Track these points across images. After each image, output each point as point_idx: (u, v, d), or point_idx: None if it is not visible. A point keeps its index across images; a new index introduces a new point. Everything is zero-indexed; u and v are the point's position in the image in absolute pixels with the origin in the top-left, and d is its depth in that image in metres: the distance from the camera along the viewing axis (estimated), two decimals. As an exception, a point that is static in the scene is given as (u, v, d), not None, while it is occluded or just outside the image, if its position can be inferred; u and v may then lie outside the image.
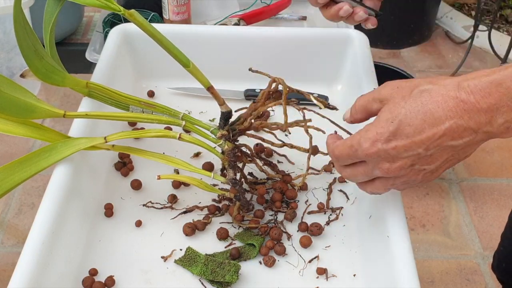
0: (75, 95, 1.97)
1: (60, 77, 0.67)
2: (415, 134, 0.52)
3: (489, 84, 0.49)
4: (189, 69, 0.68)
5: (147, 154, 0.69)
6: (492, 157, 1.87)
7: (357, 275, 0.66)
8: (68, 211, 0.64)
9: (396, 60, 2.33)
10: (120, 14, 0.89)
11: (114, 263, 0.67)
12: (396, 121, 0.53)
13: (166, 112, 0.70)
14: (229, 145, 0.68)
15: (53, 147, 0.66)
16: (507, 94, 0.49)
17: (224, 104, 0.70)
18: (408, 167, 0.55)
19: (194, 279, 0.66)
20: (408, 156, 0.54)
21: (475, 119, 0.50)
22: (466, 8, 2.58)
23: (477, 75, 0.51)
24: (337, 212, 0.73)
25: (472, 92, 0.50)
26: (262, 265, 0.67)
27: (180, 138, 0.67)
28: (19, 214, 1.68)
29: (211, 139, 0.69)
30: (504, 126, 0.50)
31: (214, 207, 0.72)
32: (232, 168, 0.68)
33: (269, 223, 0.71)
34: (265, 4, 1.23)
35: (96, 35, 1.21)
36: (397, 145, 0.53)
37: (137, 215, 0.72)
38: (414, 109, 0.52)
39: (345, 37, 0.91)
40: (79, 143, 0.67)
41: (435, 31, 2.50)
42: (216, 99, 0.70)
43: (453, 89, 0.51)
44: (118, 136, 0.68)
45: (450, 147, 0.53)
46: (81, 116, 0.69)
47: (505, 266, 1.04)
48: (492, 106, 0.49)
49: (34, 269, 0.57)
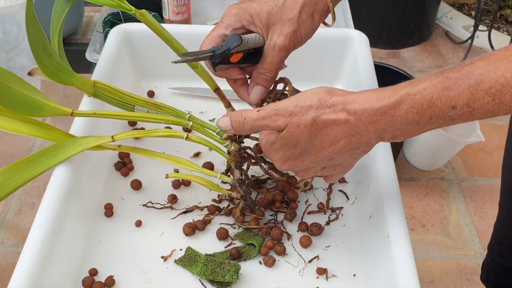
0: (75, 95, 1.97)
1: (68, 76, 0.67)
2: (319, 151, 0.58)
3: (374, 113, 0.53)
4: (197, 71, 0.68)
5: (153, 154, 0.69)
6: (492, 157, 1.87)
7: (357, 275, 0.66)
8: (68, 211, 0.64)
9: (396, 60, 2.33)
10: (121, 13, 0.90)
11: (114, 263, 0.67)
12: (298, 147, 0.58)
13: (172, 113, 0.70)
14: (235, 146, 0.68)
15: (60, 146, 0.66)
16: (392, 121, 0.53)
17: (230, 107, 0.70)
18: (320, 170, 0.61)
19: (194, 279, 0.66)
20: (316, 166, 0.60)
21: (366, 136, 0.55)
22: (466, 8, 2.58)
23: (361, 101, 0.54)
24: (337, 212, 0.73)
25: (360, 119, 0.54)
26: (262, 265, 0.67)
27: (188, 138, 0.67)
28: (19, 214, 1.68)
29: (217, 139, 0.69)
30: (391, 138, 0.55)
31: (214, 207, 0.72)
32: (239, 168, 0.69)
33: (269, 223, 0.71)
34: (265, 4, 1.23)
35: (96, 35, 1.21)
36: (304, 160, 0.59)
37: (137, 215, 0.72)
38: (312, 136, 0.57)
39: (345, 37, 0.91)
40: (87, 142, 0.67)
41: (435, 31, 2.50)
42: (222, 100, 0.70)
43: (342, 112, 0.55)
44: (125, 135, 0.68)
45: (350, 152, 0.58)
46: (89, 115, 0.69)
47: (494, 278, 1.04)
48: (378, 130, 0.54)
49: (34, 269, 0.57)
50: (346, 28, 1.08)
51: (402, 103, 0.52)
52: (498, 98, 0.48)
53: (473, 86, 0.48)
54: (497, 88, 0.47)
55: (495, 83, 0.47)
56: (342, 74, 0.92)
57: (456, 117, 0.50)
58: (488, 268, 1.07)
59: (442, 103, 0.50)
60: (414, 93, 0.51)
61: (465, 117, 0.50)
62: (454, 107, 0.50)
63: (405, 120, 0.52)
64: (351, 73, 0.89)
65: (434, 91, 0.50)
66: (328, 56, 0.92)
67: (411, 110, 0.51)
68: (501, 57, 0.48)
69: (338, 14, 1.20)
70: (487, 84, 0.48)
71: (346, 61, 0.91)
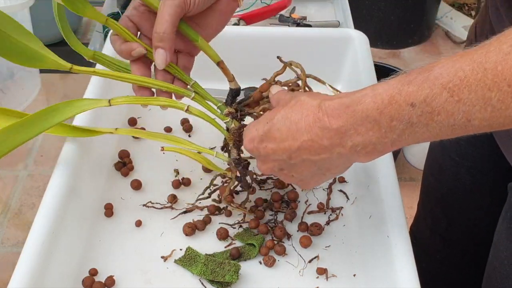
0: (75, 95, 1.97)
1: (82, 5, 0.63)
2: (281, 140, 0.55)
3: (339, 106, 0.51)
4: (198, 43, 0.66)
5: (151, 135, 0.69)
6: (492, 157, 1.87)
7: (357, 275, 0.66)
8: (68, 211, 0.64)
9: (396, 60, 2.33)
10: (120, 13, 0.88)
11: (114, 263, 0.67)
12: (270, 123, 0.56)
13: (178, 75, 0.67)
14: (235, 124, 0.67)
15: (55, 108, 0.65)
16: (353, 117, 0.50)
17: (234, 81, 0.68)
18: (278, 170, 0.58)
19: (194, 279, 0.66)
20: (276, 159, 0.57)
21: (328, 138, 0.52)
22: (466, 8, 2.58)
23: (336, 97, 0.52)
24: (337, 212, 0.73)
25: (327, 112, 0.52)
26: (262, 265, 0.67)
27: (188, 110, 0.66)
28: (19, 214, 1.68)
29: (218, 115, 0.68)
30: (353, 149, 0.51)
31: (214, 207, 0.72)
32: (237, 148, 0.67)
33: (269, 223, 0.71)
34: (265, 4, 1.23)
35: (96, 35, 1.21)
36: (267, 146, 0.56)
37: (137, 215, 0.72)
38: (285, 116, 0.54)
39: (345, 37, 0.91)
40: (83, 105, 0.66)
41: (435, 31, 2.50)
42: (226, 74, 0.67)
43: (316, 106, 0.53)
44: (123, 100, 0.66)
45: (309, 160, 0.55)
46: (89, 72, 0.67)
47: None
48: (340, 127, 0.51)
49: (34, 269, 0.57)
50: (346, 28, 1.08)
51: (365, 97, 0.50)
52: (457, 94, 0.45)
53: (432, 80, 0.46)
54: (454, 82, 0.45)
55: (453, 76, 0.45)
56: (342, 74, 0.92)
57: (416, 119, 0.47)
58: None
59: (401, 99, 0.48)
60: (377, 88, 0.50)
61: (425, 119, 0.47)
62: (413, 104, 0.47)
63: (366, 118, 0.49)
64: (351, 73, 0.89)
65: (395, 86, 0.48)
66: (328, 56, 0.92)
67: (371, 105, 0.49)
68: (464, 53, 0.46)
69: (338, 14, 1.20)
70: (445, 78, 0.46)
71: (346, 61, 0.91)
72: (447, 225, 0.94)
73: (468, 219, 0.91)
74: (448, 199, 0.92)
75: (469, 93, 0.44)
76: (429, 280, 0.94)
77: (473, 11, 2.52)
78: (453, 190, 0.90)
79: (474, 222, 0.90)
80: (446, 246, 0.97)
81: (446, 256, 0.98)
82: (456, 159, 0.87)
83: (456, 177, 0.88)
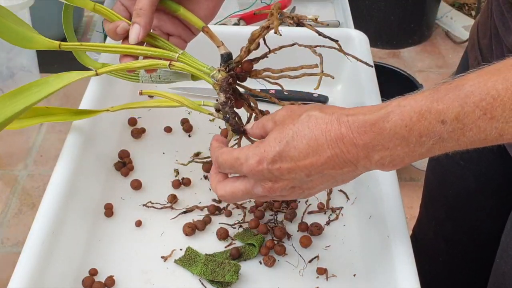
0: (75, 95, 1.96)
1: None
2: (300, 158, 0.53)
3: (364, 123, 0.50)
4: (180, 13, 0.66)
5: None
6: (492, 157, 1.87)
7: (357, 275, 0.66)
8: (68, 211, 0.64)
9: (396, 60, 2.33)
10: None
11: (114, 263, 0.67)
12: (283, 142, 0.53)
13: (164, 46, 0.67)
14: (223, 75, 0.64)
15: (44, 81, 0.67)
16: (380, 134, 0.50)
17: (223, 45, 0.66)
18: (289, 188, 0.56)
19: (194, 279, 0.66)
20: (290, 178, 0.54)
21: (353, 153, 0.51)
22: (466, 8, 2.58)
23: (356, 112, 0.52)
24: (337, 212, 0.73)
25: (350, 128, 0.51)
26: (262, 265, 0.67)
27: (171, 65, 0.65)
28: (19, 214, 1.68)
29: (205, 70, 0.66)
30: (380, 162, 0.51)
31: (214, 207, 0.72)
32: (223, 91, 0.64)
33: (269, 223, 0.71)
34: (265, 4, 1.23)
35: (96, 35, 1.21)
36: (281, 166, 0.53)
37: (137, 215, 0.72)
38: (301, 132, 0.53)
39: (345, 37, 0.91)
40: (70, 76, 0.68)
41: (435, 31, 2.50)
42: (213, 40, 0.66)
43: (335, 121, 0.52)
44: (109, 68, 0.68)
45: (330, 175, 0.54)
46: (76, 47, 0.70)
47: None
48: (367, 144, 0.50)
49: (34, 269, 0.57)
50: (346, 28, 1.08)
51: (392, 114, 0.49)
52: (490, 112, 0.45)
53: (463, 98, 0.46)
54: (487, 101, 0.45)
55: (486, 95, 0.45)
56: (342, 74, 0.92)
57: (447, 135, 0.47)
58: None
59: (431, 116, 0.48)
60: (404, 105, 0.49)
61: (456, 135, 0.47)
62: (443, 121, 0.47)
63: (394, 135, 0.49)
64: (351, 73, 0.89)
65: (424, 103, 0.48)
66: (328, 56, 0.92)
67: (399, 123, 0.49)
68: (493, 69, 0.46)
69: (338, 14, 1.20)
70: (477, 97, 0.46)
71: (346, 61, 0.91)
72: (451, 227, 0.94)
73: (472, 222, 0.91)
74: (452, 202, 0.92)
75: (503, 111, 0.45)
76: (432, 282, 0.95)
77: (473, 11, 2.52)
78: (457, 193, 0.90)
79: (478, 224, 0.90)
80: (449, 248, 0.97)
81: (450, 259, 0.98)
82: (461, 163, 0.86)
83: (460, 181, 0.88)
